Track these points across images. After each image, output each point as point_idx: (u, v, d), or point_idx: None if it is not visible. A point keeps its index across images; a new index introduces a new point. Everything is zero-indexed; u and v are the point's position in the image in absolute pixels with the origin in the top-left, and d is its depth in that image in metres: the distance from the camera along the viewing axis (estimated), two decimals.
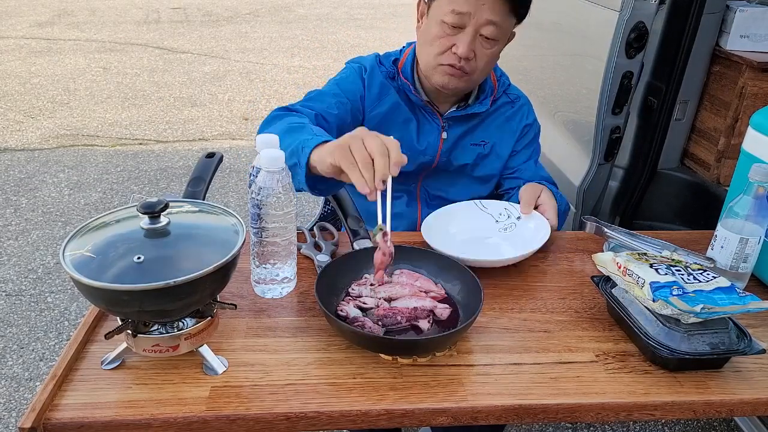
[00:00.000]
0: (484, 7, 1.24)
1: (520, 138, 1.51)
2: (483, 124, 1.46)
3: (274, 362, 0.91)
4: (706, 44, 2.01)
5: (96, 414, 0.81)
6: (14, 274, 2.64)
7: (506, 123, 1.48)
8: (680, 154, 2.20)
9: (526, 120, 1.50)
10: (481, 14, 1.24)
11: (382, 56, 1.47)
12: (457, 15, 1.25)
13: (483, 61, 1.31)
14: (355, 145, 0.95)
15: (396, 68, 1.43)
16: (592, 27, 2.05)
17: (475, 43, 1.28)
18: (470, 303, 1.01)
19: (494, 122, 1.47)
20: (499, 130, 1.48)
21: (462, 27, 1.26)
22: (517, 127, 1.49)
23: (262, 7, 8.82)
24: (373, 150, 0.94)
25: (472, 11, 1.24)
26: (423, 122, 1.44)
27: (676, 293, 0.93)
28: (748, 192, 1.09)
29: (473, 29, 1.26)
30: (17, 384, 2.07)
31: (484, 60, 1.31)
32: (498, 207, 1.34)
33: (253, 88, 5.27)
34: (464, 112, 1.42)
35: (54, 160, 3.76)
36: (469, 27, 1.26)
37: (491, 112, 1.46)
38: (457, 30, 1.27)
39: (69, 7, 8.24)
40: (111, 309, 0.87)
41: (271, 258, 1.03)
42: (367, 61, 1.45)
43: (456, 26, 1.26)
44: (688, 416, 0.92)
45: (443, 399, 0.86)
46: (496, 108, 1.47)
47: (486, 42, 1.28)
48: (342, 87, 1.41)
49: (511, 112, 1.49)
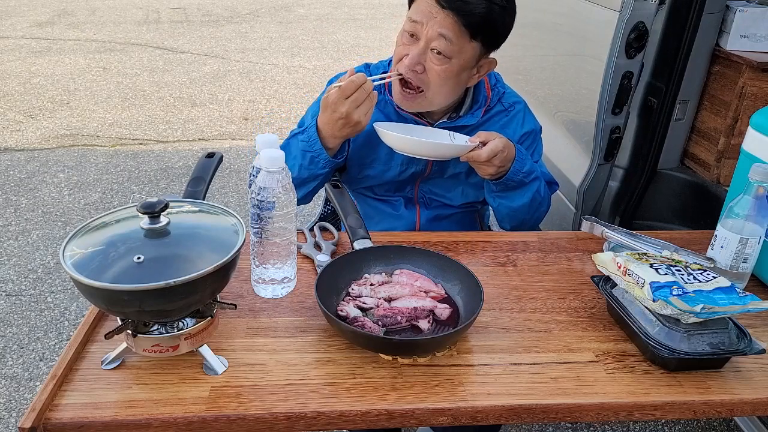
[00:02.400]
0: (436, 20, 1.25)
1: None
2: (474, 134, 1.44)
3: (274, 362, 0.91)
4: (706, 44, 2.01)
5: (96, 414, 0.81)
6: (14, 274, 2.64)
7: (502, 131, 1.44)
8: (680, 154, 2.20)
9: (522, 128, 1.47)
10: (432, 26, 1.25)
11: (372, 67, 1.48)
12: (413, 23, 1.28)
13: (434, 78, 1.30)
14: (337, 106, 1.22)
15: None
16: (592, 27, 2.05)
17: (425, 57, 1.29)
18: (470, 303, 1.01)
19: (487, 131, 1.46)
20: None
21: (417, 36, 1.28)
22: (514, 136, 1.46)
23: (262, 7, 8.82)
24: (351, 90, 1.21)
25: (425, 21, 1.26)
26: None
27: (676, 293, 0.93)
28: (748, 192, 1.09)
29: (424, 41, 1.27)
30: (17, 384, 2.07)
31: (436, 77, 1.29)
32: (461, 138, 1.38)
33: (253, 88, 5.27)
34: (454, 124, 1.42)
35: (54, 160, 3.76)
36: (422, 38, 1.28)
37: (483, 122, 1.44)
38: (412, 40, 1.29)
39: (69, 7, 8.24)
40: (111, 309, 0.87)
41: (271, 258, 1.03)
42: None
43: (412, 35, 1.29)
44: (688, 416, 0.92)
45: (443, 399, 0.86)
46: (489, 117, 1.45)
47: (436, 57, 1.28)
48: None
49: (505, 121, 1.46)
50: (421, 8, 1.27)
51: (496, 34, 1.30)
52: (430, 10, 1.25)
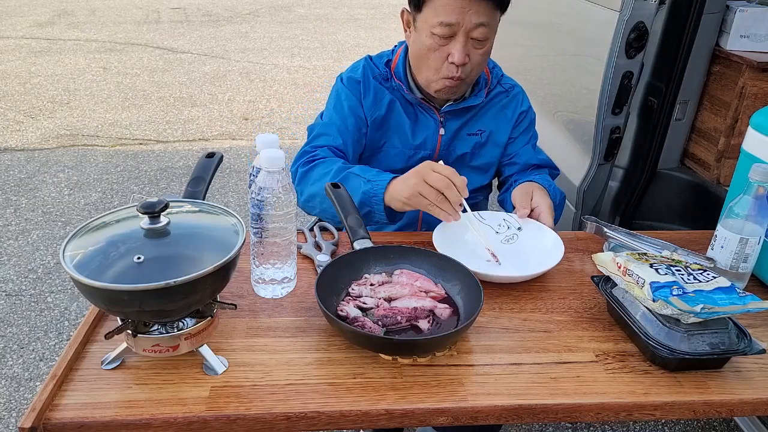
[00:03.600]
0: (470, 13, 1.25)
1: (517, 125, 1.53)
2: (479, 115, 1.48)
3: (274, 362, 0.91)
4: (706, 44, 2.01)
5: (96, 414, 0.81)
6: (14, 274, 2.64)
7: (501, 111, 1.50)
8: (680, 154, 2.20)
9: (521, 107, 1.52)
10: (469, 20, 1.25)
11: (374, 57, 1.49)
12: (446, 27, 1.26)
13: (477, 62, 1.33)
14: (424, 190, 1.15)
15: (389, 70, 1.45)
16: (592, 27, 2.05)
17: (468, 47, 1.29)
18: (470, 303, 1.01)
19: (489, 112, 1.49)
20: (495, 119, 1.50)
21: (452, 36, 1.28)
22: (513, 115, 1.51)
23: (262, 7, 8.82)
24: (439, 186, 1.13)
25: (461, 20, 1.25)
26: (420, 118, 1.45)
27: (676, 293, 0.93)
28: (748, 192, 1.09)
29: (464, 35, 1.27)
30: (17, 384, 2.07)
31: (477, 61, 1.33)
32: (497, 218, 1.32)
33: (253, 88, 5.27)
34: (461, 106, 1.43)
35: (54, 160, 3.76)
36: (460, 34, 1.27)
37: (486, 103, 1.48)
38: (447, 39, 1.28)
39: (69, 7, 8.24)
40: (111, 309, 0.87)
41: (271, 258, 1.03)
42: (358, 72, 1.46)
43: (446, 36, 1.28)
44: (688, 416, 0.92)
45: (443, 399, 0.86)
46: (491, 98, 1.49)
47: (478, 43, 1.30)
48: (341, 113, 1.43)
49: (506, 101, 1.50)
50: (450, 8, 1.25)
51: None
52: (462, 5, 1.24)
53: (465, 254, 1.16)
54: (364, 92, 1.44)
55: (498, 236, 1.28)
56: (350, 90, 1.44)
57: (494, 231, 1.29)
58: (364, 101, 1.44)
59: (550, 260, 1.16)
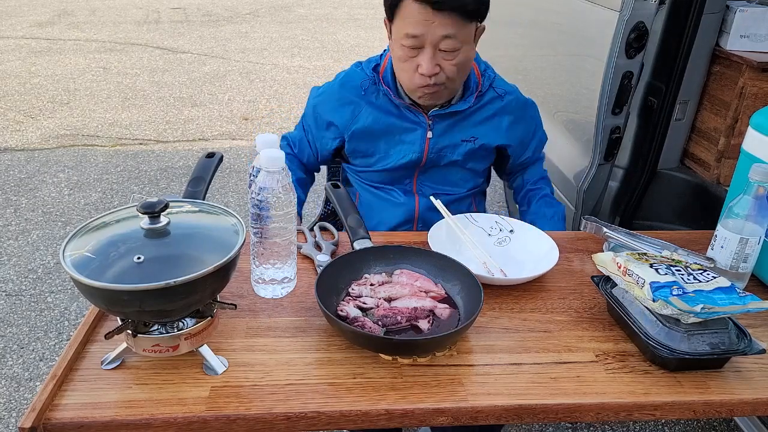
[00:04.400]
0: (435, 25, 1.24)
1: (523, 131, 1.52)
2: (470, 120, 1.47)
3: (274, 362, 0.91)
4: (706, 44, 2.01)
5: (96, 414, 0.81)
6: (14, 274, 2.64)
7: (494, 118, 1.48)
8: (680, 154, 2.20)
9: (519, 110, 1.50)
10: (434, 32, 1.25)
11: (363, 63, 1.50)
12: (412, 38, 1.26)
13: (452, 71, 1.31)
14: None
15: (377, 75, 1.45)
16: (592, 27, 2.05)
17: (437, 58, 1.28)
18: (470, 303, 1.01)
19: (481, 117, 1.48)
20: (487, 126, 1.48)
21: (420, 47, 1.28)
22: (508, 122, 1.49)
23: (262, 7, 8.81)
24: None
25: (425, 32, 1.25)
26: (407, 123, 1.45)
27: (676, 293, 0.93)
28: (748, 192, 1.09)
29: (431, 47, 1.27)
30: (17, 384, 2.07)
31: (452, 70, 1.31)
32: (489, 220, 1.32)
33: (253, 88, 5.27)
34: (448, 110, 1.43)
35: (54, 160, 3.76)
36: (427, 46, 1.27)
37: (477, 108, 1.46)
38: (416, 51, 1.29)
39: (69, 7, 8.24)
40: (111, 309, 0.87)
41: (271, 258, 1.03)
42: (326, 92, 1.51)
43: (414, 47, 1.28)
44: (688, 416, 0.92)
45: (443, 399, 0.86)
46: (483, 104, 1.47)
47: (448, 54, 1.28)
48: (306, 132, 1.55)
49: (499, 107, 1.48)
50: (413, 20, 1.24)
51: (487, 7, 1.31)
52: (425, 18, 1.23)
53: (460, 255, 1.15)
54: (334, 110, 1.47)
55: (490, 238, 1.28)
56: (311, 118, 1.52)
57: (486, 233, 1.29)
58: (337, 117, 1.46)
59: (544, 264, 1.16)
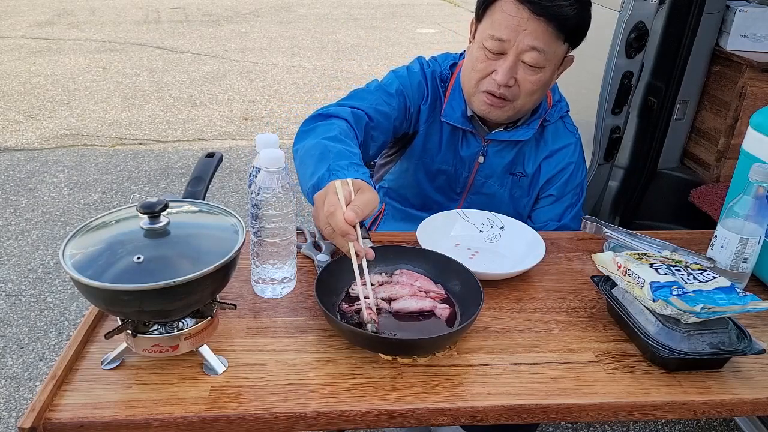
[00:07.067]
0: (525, 33, 1.17)
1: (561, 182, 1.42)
2: (524, 153, 1.39)
3: (274, 362, 0.91)
4: (706, 44, 2.01)
5: (96, 414, 0.81)
6: (14, 274, 2.64)
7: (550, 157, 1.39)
8: (680, 154, 2.21)
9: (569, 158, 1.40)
10: (522, 40, 1.18)
11: (438, 57, 1.42)
12: (497, 41, 1.20)
13: (526, 89, 1.24)
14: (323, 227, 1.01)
15: (451, 73, 1.38)
16: (592, 27, 2.05)
17: (517, 70, 1.22)
18: (470, 303, 1.01)
19: (537, 152, 1.40)
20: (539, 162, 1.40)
21: (503, 53, 1.21)
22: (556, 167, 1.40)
23: (262, 7, 8.81)
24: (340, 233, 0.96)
25: (512, 38, 1.18)
26: (464, 135, 1.39)
27: (676, 293, 0.93)
28: (748, 192, 1.09)
29: (514, 56, 1.20)
30: (17, 384, 2.07)
31: (528, 87, 1.24)
32: (480, 217, 1.31)
33: (253, 88, 5.27)
34: (509, 137, 1.35)
35: (54, 160, 3.76)
36: (510, 53, 1.20)
37: (537, 140, 1.38)
38: (498, 56, 1.22)
39: (69, 7, 8.24)
40: (111, 309, 0.87)
41: (271, 258, 1.03)
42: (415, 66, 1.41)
43: (496, 52, 1.21)
44: (688, 416, 0.92)
45: (443, 399, 0.86)
46: (544, 136, 1.38)
47: (530, 69, 1.21)
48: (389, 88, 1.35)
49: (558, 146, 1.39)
50: (505, 23, 1.18)
51: (584, 32, 1.25)
52: (518, 23, 1.16)
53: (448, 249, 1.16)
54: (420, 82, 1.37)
55: (482, 234, 1.29)
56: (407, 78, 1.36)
57: (478, 230, 1.30)
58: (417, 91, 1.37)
59: (531, 259, 1.16)
